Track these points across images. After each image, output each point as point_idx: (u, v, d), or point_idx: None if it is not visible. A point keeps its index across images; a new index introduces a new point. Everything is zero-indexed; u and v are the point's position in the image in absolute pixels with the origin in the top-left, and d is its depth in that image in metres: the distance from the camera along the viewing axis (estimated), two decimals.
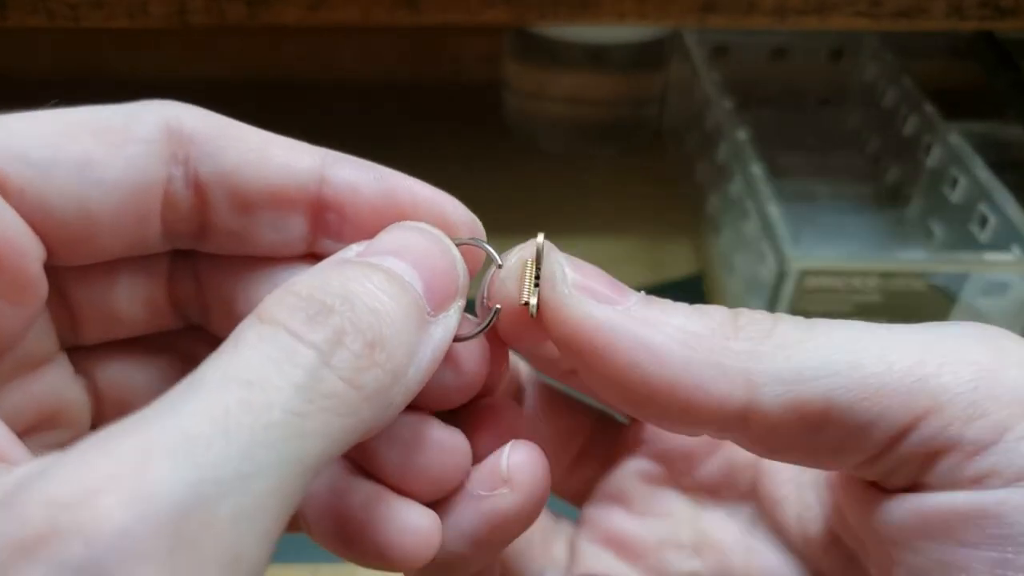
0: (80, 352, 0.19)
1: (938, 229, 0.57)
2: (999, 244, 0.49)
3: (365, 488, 0.18)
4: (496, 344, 0.19)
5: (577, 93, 0.68)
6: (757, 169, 0.52)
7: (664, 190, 0.67)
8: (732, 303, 0.61)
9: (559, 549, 0.24)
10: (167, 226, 0.18)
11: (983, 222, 0.51)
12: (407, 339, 0.16)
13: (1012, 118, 0.60)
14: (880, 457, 0.16)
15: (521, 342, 0.20)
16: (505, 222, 0.27)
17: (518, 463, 0.19)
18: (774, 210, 0.49)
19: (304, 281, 0.15)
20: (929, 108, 0.58)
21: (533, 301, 0.18)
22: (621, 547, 0.24)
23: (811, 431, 0.16)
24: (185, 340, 0.21)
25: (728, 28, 0.55)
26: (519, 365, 0.24)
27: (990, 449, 0.15)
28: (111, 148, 0.17)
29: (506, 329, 0.19)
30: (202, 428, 0.12)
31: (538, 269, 0.18)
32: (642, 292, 0.18)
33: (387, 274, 0.16)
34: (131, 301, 0.19)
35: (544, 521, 0.25)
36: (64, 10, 0.41)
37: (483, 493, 0.19)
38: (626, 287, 0.18)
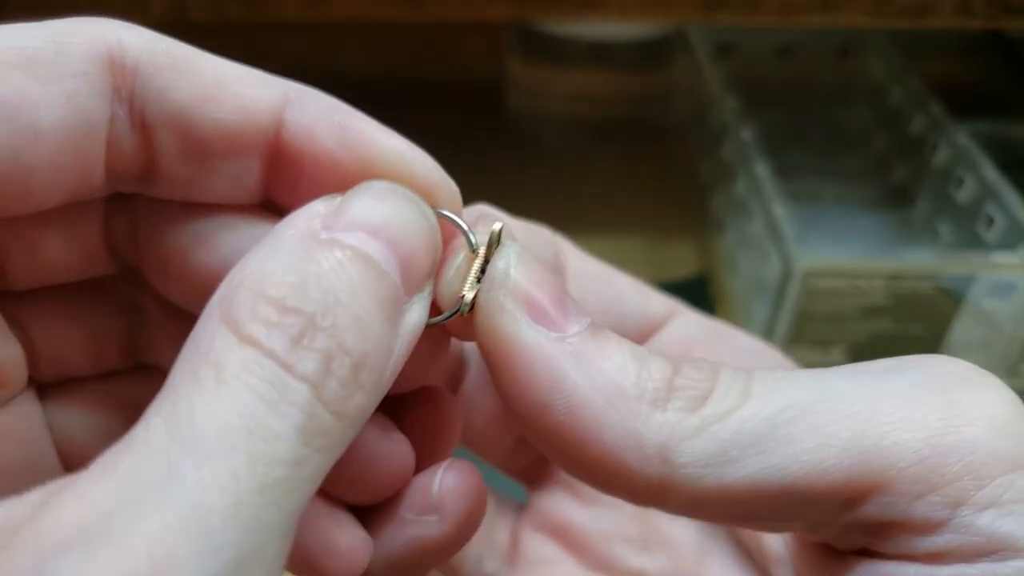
0: (8, 300, 0.17)
1: (945, 229, 0.56)
2: (1006, 244, 0.49)
3: None
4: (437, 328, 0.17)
5: (580, 91, 0.68)
6: (762, 168, 0.52)
7: (668, 189, 0.67)
8: (736, 304, 0.60)
9: (501, 534, 0.23)
10: (110, 171, 0.16)
11: (990, 222, 0.50)
12: (386, 343, 0.14)
13: (1020, 117, 0.59)
14: (821, 527, 0.15)
15: (459, 335, 0.17)
16: None
17: (450, 489, 0.18)
18: (779, 210, 0.49)
19: (273, 277, 0.13)
20: (936, 107, 0.57)
21: (469, 297, 0.16)
22: (566, 537, 0.22)
23: (739, 506, 0.15)
24: (122, 286, 0.18)
25: (734, 25, 0.54)
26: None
27: (942, 527, 0.14)
28: (45, 85, 0.14)
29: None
30: (213, 501, 0.11)
31: (486, 262, 0.16)
32: (589, 321, 0.16)
33: (365, 261, 0.14)
34: (65, 248, 0.17)
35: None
36: (65, 7, 0.41)
37: (410, 517, 0.18)
38: (578, 308, 0.16)
